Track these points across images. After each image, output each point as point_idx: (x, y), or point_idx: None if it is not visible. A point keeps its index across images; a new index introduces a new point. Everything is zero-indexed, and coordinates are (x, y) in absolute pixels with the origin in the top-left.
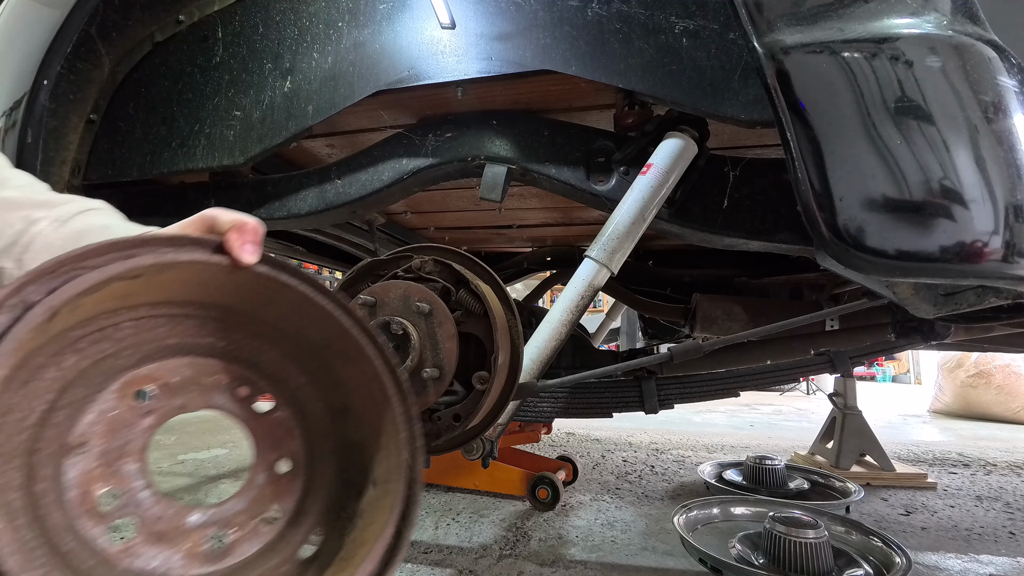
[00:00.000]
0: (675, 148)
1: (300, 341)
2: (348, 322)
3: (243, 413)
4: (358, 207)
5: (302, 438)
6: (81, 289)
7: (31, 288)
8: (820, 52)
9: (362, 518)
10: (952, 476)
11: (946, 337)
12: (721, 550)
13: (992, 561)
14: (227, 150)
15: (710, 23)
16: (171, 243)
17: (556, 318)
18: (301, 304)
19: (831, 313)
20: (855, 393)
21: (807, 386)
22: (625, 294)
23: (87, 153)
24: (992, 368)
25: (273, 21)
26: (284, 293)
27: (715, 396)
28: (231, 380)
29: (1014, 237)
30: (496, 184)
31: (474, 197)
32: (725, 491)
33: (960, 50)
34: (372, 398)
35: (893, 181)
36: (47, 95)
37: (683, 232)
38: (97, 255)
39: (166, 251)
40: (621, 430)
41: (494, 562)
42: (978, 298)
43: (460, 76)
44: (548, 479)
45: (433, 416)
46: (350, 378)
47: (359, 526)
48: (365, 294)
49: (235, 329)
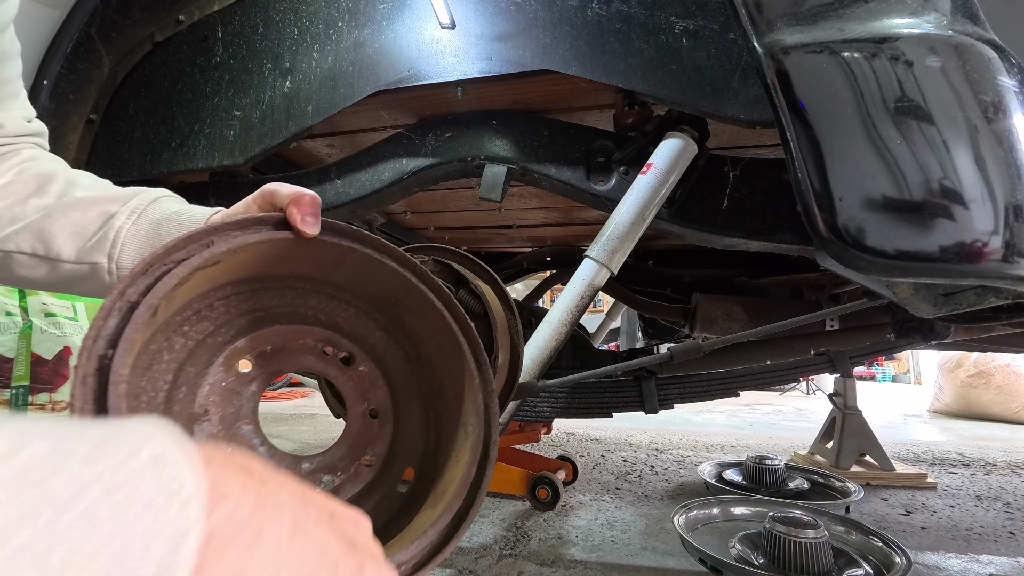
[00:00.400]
0: (675, 148)
1: (372, 299)
2: (413, 277)
3: (332, 370)
4: (358, 207)
5: (387, 387)
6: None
7: (131, 290)
8: (820, 52)
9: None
10: (952, 476)
11: (946, 337)
12: (721, 550)
13: (992, 561)
14: (227, 150)
15: (710, 23)
16: (239, 226)
17: (556, 318)
18: (368, 265)
19: (831, 313)
20: (855, 393)
21: (807, 386)
22: (625, 294)
23: (87, 153)
24: (992, 368)
25: (273, 21)
26: (350, 256)
27: (715, 396)
28: (316, 342)
29: (1014, 237)
30: (496, 184)
31: (474, 197)
32: (725, 491)
33: (960, 50)
34: (444, 348)
35: (893, 181)
36: (47, 95)
37: (683, 232)
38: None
39: (236, 235)
40: (621, 430)
41: (494, 562)
42: (978, 298)
43: (460, 76)
44: (548, 479)
45: None
46: (422, 330)
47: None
48: None
49: (310, 295)
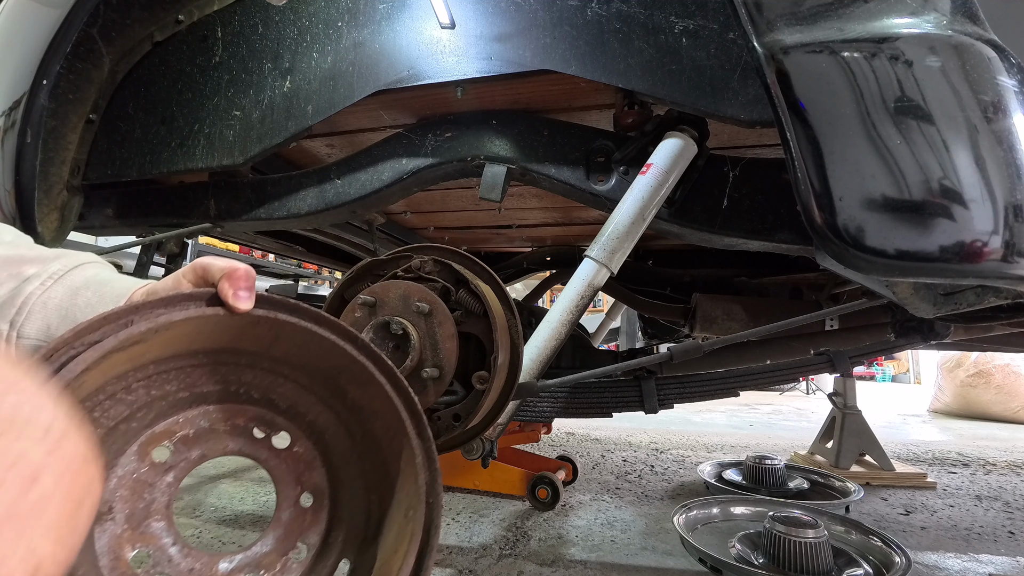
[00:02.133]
0: (675, 148)
1: (313, 372)
2: (354, 350)
3: (262, 453)
4: (358, 207)
5: (324, 468)
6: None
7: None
8: (820, 52)
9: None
10: (952, 476)
11: (946, 337)
12: (721, 550)
13: (992, 560)
14: (226, 150)
15: (710, 23)
16: (165, 303)
17: (556, 318)
18: (306, 338)
19: (831, 313)
20: (855, 393)
21: (807, 386)
22: (625, 294)
23: (87, 153)
24: (992, 368)
25: (272, 21)
26: (287, 330)
27: (715, 396)
28: (247, 422)
29: (1014, 237)
30: (496, 184)
31: (474, 197)
32: (725, 491)
33: (960, 50)
34: (387, 422)
35: (893, 181)
36: (46, 95)
37: (683, 232)
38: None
39: (160, 312)
40: (621, 430)
41: (494, 562)
42: (978, 298)
43: (460, 76)
44: (548, 479)
45: (433, 416)
46: (365, 403)
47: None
48: (365, 294)
49: (246, 369)
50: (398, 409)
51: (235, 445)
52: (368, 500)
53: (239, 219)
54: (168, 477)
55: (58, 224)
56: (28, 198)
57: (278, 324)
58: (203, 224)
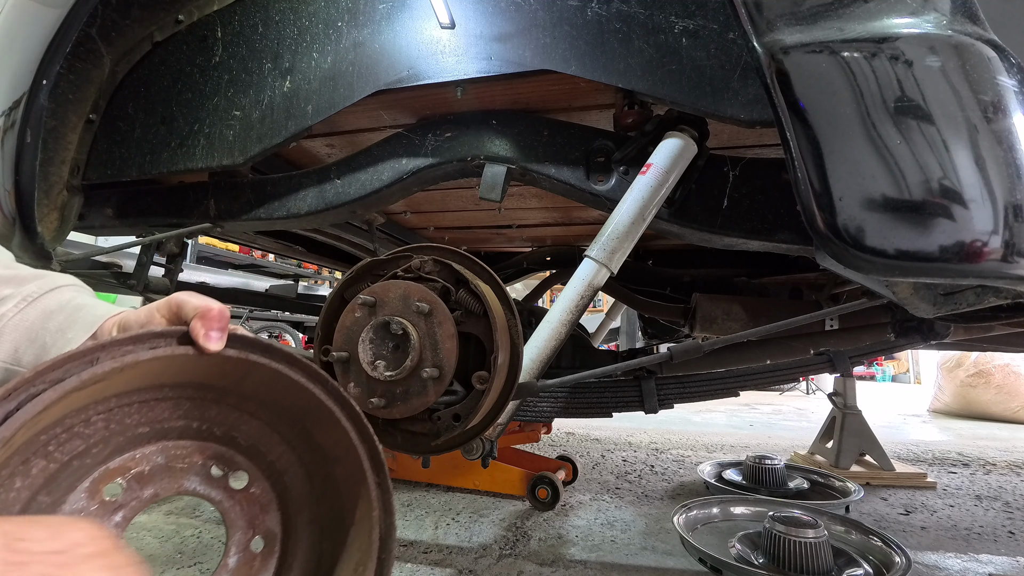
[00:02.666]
0: (675, 148)
1: (279, 411)
2: (322, 393)
3: (217, 494)
4: (358, 207)
5: (279, 512)
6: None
7: None
8: (820, 52)
9: None
10: (952, 476)
11: (945, 337)
12: (721, 550)
13: (992, 560)
14: (226, 150)
15: (710, 23)
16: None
17: (556, 318)
18: (275, 378)
19: (831, 313)
20: (855, 393)
21: (807, 386)
22: (625, 294)
23: (86, 153)
24: (991, 368)
25: (272, 21)
26: (257, 370)
27: (715, 396)
28: (205, 460)
29: (1013, 237)
30: (496, 184)
31: (474, 197)
32: (725, 491)
33: (960, 50)
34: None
35: (892, 181)
36: (46, 95)
37: (683, 232)
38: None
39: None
40: (621, 430)
41: (494, 562)
42: (977, 298)
43: (460, 76)
44: (548, 479)
45: (433, 416)
46: (329, 446)
47: None
48: (365, 294)
49: (211, 405)
50: (360, 456)
51: (190, 484)
52: (321, 548)
53: (239, 219)
54: (117, 517)
55: (58, 224)
56: (28, 198)
57: (248, 364)
58: (203, 224)
